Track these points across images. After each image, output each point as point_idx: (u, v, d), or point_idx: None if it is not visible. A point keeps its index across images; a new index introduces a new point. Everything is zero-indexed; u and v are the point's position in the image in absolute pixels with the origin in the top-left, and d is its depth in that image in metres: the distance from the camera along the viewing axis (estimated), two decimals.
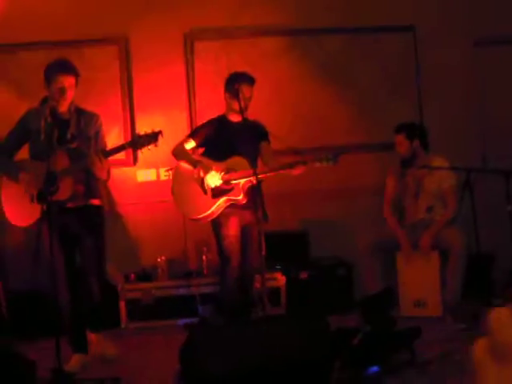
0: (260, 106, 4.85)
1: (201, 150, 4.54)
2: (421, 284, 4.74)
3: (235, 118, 4.46)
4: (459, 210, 4.69)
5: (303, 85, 5.69)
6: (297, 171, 4.18)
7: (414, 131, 4.96)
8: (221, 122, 4.52)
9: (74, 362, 3.80)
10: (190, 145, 4.45)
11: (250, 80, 4.43)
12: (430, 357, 3.70)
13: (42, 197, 3.48)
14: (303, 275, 5.16)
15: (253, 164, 4.18)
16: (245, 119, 4.34)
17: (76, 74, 3.85)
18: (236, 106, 4.31)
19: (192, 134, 4.53)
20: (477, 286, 4.68)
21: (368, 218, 5.34)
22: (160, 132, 3.68)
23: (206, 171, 4.27)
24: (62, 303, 3.82)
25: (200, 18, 5.54)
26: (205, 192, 4.28)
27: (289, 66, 5.69)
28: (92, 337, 3.95)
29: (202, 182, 4.30)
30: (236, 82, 4.37)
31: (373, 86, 5.75)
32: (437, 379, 3.35)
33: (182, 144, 4.43)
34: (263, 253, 3.94)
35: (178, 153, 4.45)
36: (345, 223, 5.43)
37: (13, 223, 3.90)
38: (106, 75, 5.46)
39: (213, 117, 4.60)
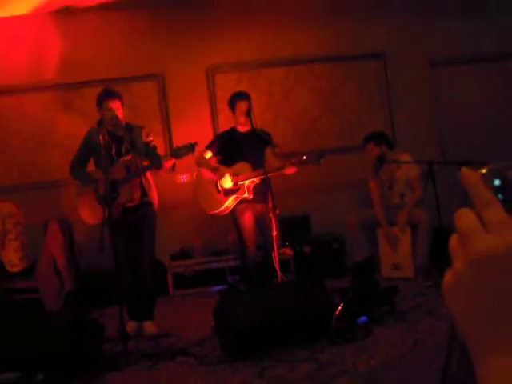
0: (267, 121, 4.87)
1: (217, 158, 4.36)
2: (397, 252, 4.74)
3: (242, 128, 4.30)
4: (424, 193, 4.67)
5: (301, 103, 5.69)
6: (289, 171, 4.05)
7: (380, 138, 4.85)
8: (230, 133, 4.36)
9: (129, 328, 3.73)
10: (208, 154, 4.31)
11: (242, 96, 4.22)
12: (406, 308, 3.73)
13: (105, 201, 3.49)
14: (307, 249, 5.17)
15: (256, 167, 4.10)
16: (252, 129, 4.19)
17: (120, 98, 3.79)
18: (237, 118, 4.23)
19: (208, 146, 4.36)
20: (442, 252, 4.66)
21: (354, 203, 5.34)
22: (196, 143, 3.57)
23: (221, 176, 4.18)
24: (125, 282, 3.74)
25: (218, 56, 5.55)
26: (218, 192, 4.20)
27: (288, 88, 5.68)
28: (144, 324, 3.81)
29: (216, 183, 4.21)
30: (233, 100, 4.26)
31: (353, 101, 5.74)
32: (412, 325, 3.37)
33: (201, 154, 4.26)
34: (274, 234, 3.94)
35: (199, 161, 4.31)
36: (337, 208, 5.43)
37: (86, 222, 3.86)
38: (148, 104, 5.51)
39: (224, 130, 4.51)
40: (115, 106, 3.74)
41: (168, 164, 3.66)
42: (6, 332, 3.12)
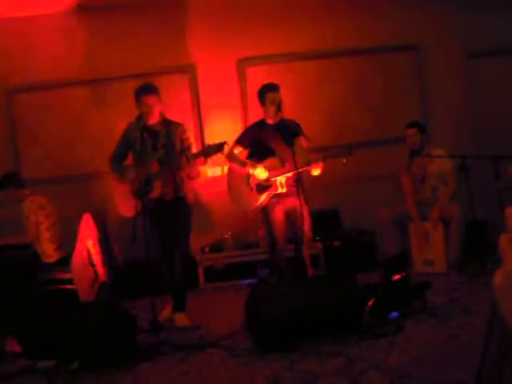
0: (298, 115, 4.85)
1: (246, 153, 4.30)
2: (429, 247, 4.68)
3: (272, 120, 4.18)
4: (457, 187, 4.60)
5: (332, 97, 5.65)
6: (315, 171, 3.98)
7: (423, 127, 4.88)
8: (259, 125, 4.24)
9: (164, 314, 3.86)
10: (238, 149, 4.23)
11: (272, 87, 4.11)
12: (438, 303, 3.68)
13: (139, 195, 3.55)
14: (337, 243, 5.15)
15: (285, 161, 4.02)
16: (281, 120, 4.09)
17: (157, 93, 3.79)
18: (266, 110, 4.15)
19: (238, 140, 4.26)
20: (475, 247, 4.59)
21: (385, 198, 5.29)
22: (225, 142, 3.52)
23: (254, 167, 4.09)
24: (163, 273, 3.85)
25: (249, 50, 5.55)
26: (251, 189, 4.12)
27: (319, 82, 5.65)
28: (176, 316, 3.88)
29: (248, 180, 4.14)
30: (263, 91, 4.16)
31: (386, 94, 5.67)
32: (444, 321, 3.32)
33: (231, 149, 4.18)
34: (306, 228, 3.91)
35: (229, 156, 4.21)
36: (367, 202, 5.38)
37: (122, 214, 3.90)
38: (180, 98, 5.54)
39: (253, 122, 4.39)
40: (152, 101, 3.75)
41: (199, 164, 3.63)
42: (43, 322, 3.21)
